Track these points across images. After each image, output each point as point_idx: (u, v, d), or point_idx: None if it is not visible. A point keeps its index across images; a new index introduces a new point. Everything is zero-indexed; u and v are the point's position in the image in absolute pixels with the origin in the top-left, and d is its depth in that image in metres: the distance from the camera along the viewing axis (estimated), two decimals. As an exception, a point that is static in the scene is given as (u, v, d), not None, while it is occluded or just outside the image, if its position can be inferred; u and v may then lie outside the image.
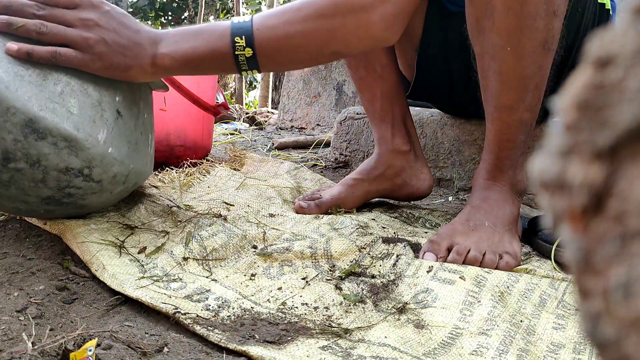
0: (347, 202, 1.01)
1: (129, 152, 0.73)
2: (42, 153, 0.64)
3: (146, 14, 7.94)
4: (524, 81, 0.75)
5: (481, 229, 0.79)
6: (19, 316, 0.57)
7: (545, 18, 0.71)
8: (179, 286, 0.65)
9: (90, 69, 0.69)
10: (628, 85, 0.14)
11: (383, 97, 1.02)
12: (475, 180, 0.87)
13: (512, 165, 0.84)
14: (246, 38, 0.72)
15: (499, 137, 0.82)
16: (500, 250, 0.76)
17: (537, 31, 0.71)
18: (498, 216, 0.80)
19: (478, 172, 0.87)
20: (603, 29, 0.15)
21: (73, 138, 0.65)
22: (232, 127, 2.07)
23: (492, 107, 0.80)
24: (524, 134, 0.82)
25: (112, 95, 0.70)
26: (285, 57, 0.74)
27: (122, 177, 0.73)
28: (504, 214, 0.81)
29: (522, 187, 0.86)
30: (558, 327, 0.62)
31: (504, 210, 0.82)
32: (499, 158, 0.83)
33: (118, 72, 0.70)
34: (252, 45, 0.72)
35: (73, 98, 0.66)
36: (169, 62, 0.71)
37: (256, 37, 0.72)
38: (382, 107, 1.03)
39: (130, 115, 0.73)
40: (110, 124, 0.69)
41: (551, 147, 0.16)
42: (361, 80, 1.03)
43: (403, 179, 1.04)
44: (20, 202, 0.69)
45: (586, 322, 0.15)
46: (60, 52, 0.67)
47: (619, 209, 0.14)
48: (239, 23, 0.73)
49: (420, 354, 0.55)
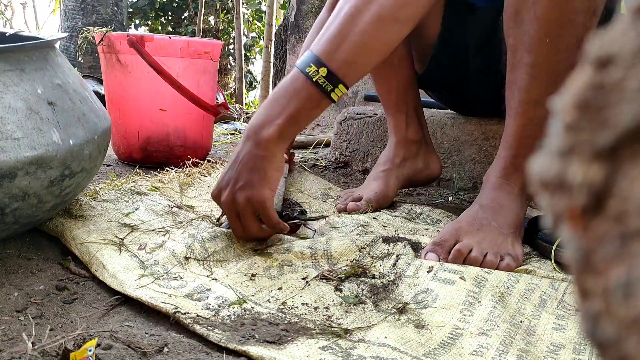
0: (389, 193, 1.05)
1: (84, 128, 0.71)
2: (23, 186, 0.63)
3: (146, 14, 7.93)
4: (555, 76, 0.75)
5: (487, 229, 0.78)
6: (19, 316, 0.57)
7: (586, 15, 0.72)
8: (180, 284, 0.65)
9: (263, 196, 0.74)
10: (628, 85, 0.14)
11: (399, 88, 1.07)
12: (487, 177, 0.86)
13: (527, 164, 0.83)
14: (313, 62, 0.75)
15: (520, 134, 0.81)
16: (502, 252, 0.76)
17: (576, 27, 0.72)
18: (506, 217, 0.80)
19: (491, 169, 0.86)
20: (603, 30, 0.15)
21: (36, 158, 0.63)
22: (232, 127, 2.07)
23: (517, 101, 0.80)
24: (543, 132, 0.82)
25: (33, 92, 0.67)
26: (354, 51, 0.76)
27: (95, 150, 0.73)
28: (511, 215, 0.81)
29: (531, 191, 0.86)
30: (558, 328, 0.62)
31: (512, 212, 0.81)
32: (516, 156, 0.82)
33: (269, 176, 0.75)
34: (321, 64, 0.74)
35: (7, 125, 0.62)
36: (276, 133, 0.75)
37: (320, 54, 0.75)
38: (398, 98, 1.08)
39: (61, 96, 0.71)
40: (53, 120, 0.67)
41: (551, 147, 0.16)
42: (378, 72, 1.07)
43: (419, 164, 1.10)
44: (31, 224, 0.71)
45: (586, 322, 0.15)
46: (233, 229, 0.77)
47: (619, 209, 0.14)
48: (301, 60, 0.77)
49: (420, 354, 0.55)
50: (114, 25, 3.86)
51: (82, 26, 3.07)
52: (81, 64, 3.57)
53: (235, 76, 5.74)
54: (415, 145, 1.09)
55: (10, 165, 0.61)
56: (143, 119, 1.29)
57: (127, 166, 1.32)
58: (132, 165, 1.31)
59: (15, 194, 0.63)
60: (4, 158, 0.60)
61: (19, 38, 0.85)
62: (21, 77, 0.66)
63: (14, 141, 0.62)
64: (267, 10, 5.11)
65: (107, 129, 0.79)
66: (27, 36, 0.87)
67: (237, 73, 5.52)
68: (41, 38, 0.81)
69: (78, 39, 1.43)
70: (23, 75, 0.66)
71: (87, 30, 1.33)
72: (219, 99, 1.51)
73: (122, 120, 1.30)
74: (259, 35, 8.23)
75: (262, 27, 6.78)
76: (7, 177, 0.61)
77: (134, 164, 1.31)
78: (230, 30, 8.01)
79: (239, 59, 5.48)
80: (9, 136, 0.62)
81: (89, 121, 0.73)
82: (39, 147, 0.64)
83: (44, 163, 0.64)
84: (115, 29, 3.64)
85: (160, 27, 8.12)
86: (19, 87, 0.65)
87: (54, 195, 0.68)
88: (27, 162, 0.62)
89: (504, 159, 0.84)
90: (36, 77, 0.68)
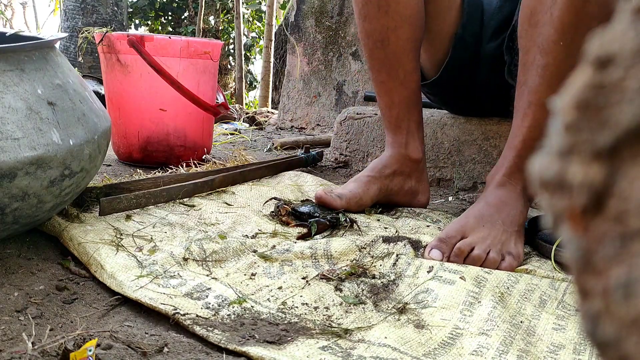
0: (364, 197, 1.00)
1: (84, 128, 0.71)
2: (23, 186, 0.63)
3: (146, 14, 7.93)
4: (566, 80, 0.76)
5: (492, 226, 0.79)
6: (19, 316, 0.57)
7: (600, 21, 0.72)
8: (179, 283, 0.65)
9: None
10: (628, 85, 0.14)
11: (401, 104, 1.00)
12: (491, 176, 0.87)
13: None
14: None
15: (526, 135, 0.82)
16: (504, 251, 0.77)
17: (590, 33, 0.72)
18: (510, 215, 0.81)
19: (496, 169, 0.87)
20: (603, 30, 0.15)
21: (36, 158, 0.63)
22: (232, 127, 2.07)
23: (526, 102, 0.81)
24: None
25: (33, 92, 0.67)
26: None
27: (95, 150, 0.73)
28: (515, 214, 0.82)
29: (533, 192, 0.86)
30: (558, 328, 0.62)
31: (516, 211, 0.82)
32: (521, 157, 0.83)
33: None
34: None
35: (7, 125, 0.62)
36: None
37: None
38: (399, 114, 1.01)
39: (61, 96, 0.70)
40: (53, 120, 0.67)
41: (551, 147, 0.16)
42: (382, 85, 1.01)
43: (409, 185, 1.04)
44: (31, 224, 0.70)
45: (586, 322, 0.15)
46: None
47: (619, 209, 0.14)
48: None
49: (420, 354, 0.55)
50: (114, 25, 3.86)
51: (82, 26, 3.07)
52: (81, 64, 3.57)
53: (235, 76, 5.74)
54: (411, 165, 1.03)
55: (10, 165, 0.61)
56: (143, 119, 1.29)
57: (127, 166, 1.32)
58: (132, 165, 1.31)
59: (15, 194, 0.63)
60: (4, 158, 0.60)
61: (19, 38, 0.85)
62: (21, 77, 0.66)
63: (14, 141, 0.62)
64: (267, 10, 5.11)
65: (107, 129, 0.79)
66: (27, 36, 0.87)
67: (237, 73, 5.52)
68: (41, 38, 0.81)
69: (78, 39, 1.43)
70: (23, 76, 0.66)
71: (87, 30, 1.33)
72: (219, 99, 1.51)
73: (122, 120, 1.30)
74: (259, 35, 8.23)
75: (262, 27, 6.78)
76: (7, 177, 0.61)
77: (134, 164, 1.31)
78: (230, 30, 8.01)
79: (239, 59, 5.48)
80: (9, 136, 0.62)
81: (89, 121, 0.73)
82: (39, 147, 0.64)
83: (44, 163, 0.64)
84: (115, 29, 3.64)
85: (160, 27, 8.12)
86: (19, 87, 0.65)
87: (54, 195, 0.68)
88: (27, 162, 0.62)
89: (509, 159, 0.84)
90: (36, 77, 0.68)
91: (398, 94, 1.00)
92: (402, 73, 0.98)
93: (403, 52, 0.96)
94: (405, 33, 0.94)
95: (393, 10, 0.92)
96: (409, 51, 0.96)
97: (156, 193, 0.90)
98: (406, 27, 0.94)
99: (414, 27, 0.95)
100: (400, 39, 0.94)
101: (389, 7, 0.92)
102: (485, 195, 0.85)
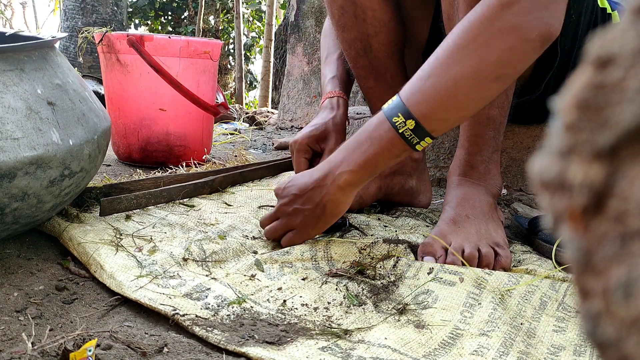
0: (364, 196, 1.00)
1: (83, 128, 0.71)
2: (22, 186, 0.63)
3: (146, 13, 7.93)
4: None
5: (465, 223, 0.80)
6: (19, 316, 0.57)
7: None
8: (178, 283, 0.65)
9: (309, 235, 0.79)
10: (628, 85, 0.14)
11: None
12: (448, 178, 0.90)
13: (483, 162, 0.87)
14: (402, 112, 0.70)
15: (468, 133, 0.86)
16: (491, 242, 0.78)
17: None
18: (475, 207, 0.83)
19: (451, 170, 0.90)
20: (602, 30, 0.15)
21: (36, 158, 0.63)
22: (232, 127, 2.07)
23: None
24: (493, 130, 0.86)
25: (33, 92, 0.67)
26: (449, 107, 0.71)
27: (95, 150, 0.73)
28: (480, 203, 0.84)
29: (497, 185, 0.88)
30: (558, 330, 0.62)
31: (480, 200, 0.84)
32: (469, 153, 0.87)
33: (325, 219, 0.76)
34: (411, 116, 0.69)
35: (7, 125, 0.62)
36: (350, 177, 0.73)
37: (410, 105, 0.70)
38: None
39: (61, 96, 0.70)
40: (53, 120, 0.67)
41: (551, 147, 0.16)
42: (371, 91, 1.01)
43: (410, 185, 1.04)
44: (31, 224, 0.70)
45: (586, 322, 0.15)
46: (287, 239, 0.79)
47: (619, 209, 0.14)
48: (388, 105, 0.72)
49: (421, 355, 0.55)
50: (114, 25, 3.86)
51: (82, 26, 3.07)
52: (81, 64, 3.57)
53: (235, 76, 5.74)
54: (411, 165, 1.02)
55: (9, 165, 0.61)
56: (143, 119, 1.29)
57: (126, 166, 1.31)
58: (132, 165, 1.31)
59: (15, 194, 0.63)
60: (4, 158, 0.60)
61: (18, 38, 0.85)
62: (21, 77, 0.66)
63: (14, 141, 0.62)
64: (267, 10, 5.11)
65: (107, 129, 0.79)
66: (27, 36, 0.87)
67: (237, 73, 5.52)
68: (41, 38, 0.81)
69: (78, 38, 1.43)
70: (23, 75, 0.66)
71: (87, 30, 1.33)
72: (219, 98, 1.51)
73: (122, 120, 1.30)
74: (259, 35, 8.23)
75: (262, 27, 6.78)
76: (7, 177, 0.61)
77: (134, 164, 1.31)
78: (230, 30, 8.01)
79: (239, 59, 5.48)
80: (9, 136, 0.62)
81: (89, 121, 0.73)
82: (39, 147, 0.64)
83: (44, 163, 0.64)
84: (115, 28, 3.64)
85: (160, 27, 8.12)
86: (19, 87, 0.65)
87: (54, 195, 0.68)
88: (27, 162, 0.62)
89: (459, 157, 0.88)
90: (36, 77, 0.68)
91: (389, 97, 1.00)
92: (389, 77, 0.98)
93: (386, 56, 0.96)
94: (387, 37, 0.94)
95: (370, 17, 0.92)
96: (392, 54, 0.97)
97: (156, 193, 0.90)
98: (386, 31, 0.94)
99: (394, 32, 0.95)
100: (382, 44, 0.94)
101: (366, 14, 0.92)
102: (447, 199, 0.87)
